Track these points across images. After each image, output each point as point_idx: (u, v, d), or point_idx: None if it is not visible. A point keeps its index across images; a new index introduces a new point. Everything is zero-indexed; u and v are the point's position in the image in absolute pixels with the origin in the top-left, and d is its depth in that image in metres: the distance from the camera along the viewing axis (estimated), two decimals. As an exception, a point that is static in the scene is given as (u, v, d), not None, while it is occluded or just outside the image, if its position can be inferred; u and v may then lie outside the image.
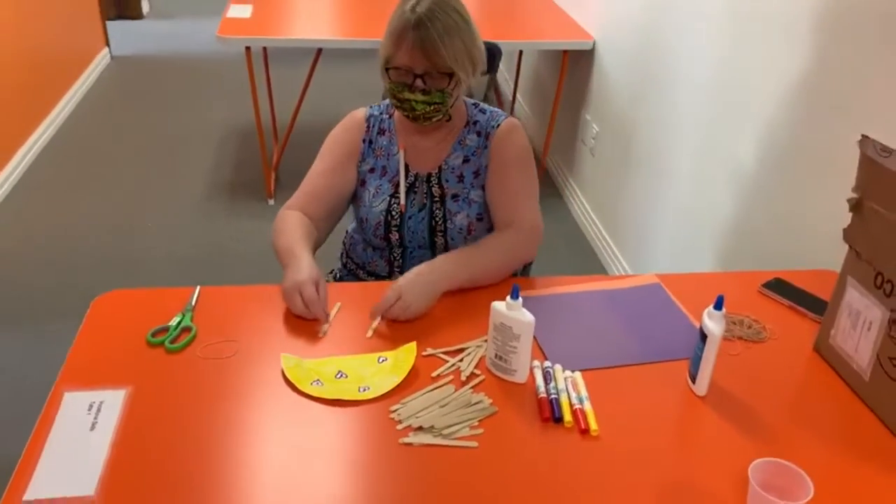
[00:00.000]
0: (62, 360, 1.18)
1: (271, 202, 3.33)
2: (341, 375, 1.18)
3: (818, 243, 1.70)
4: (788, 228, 1.83)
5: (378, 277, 1.61)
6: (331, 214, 1.55)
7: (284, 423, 1.09)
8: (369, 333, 1.28)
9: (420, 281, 1.33)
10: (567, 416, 1.11)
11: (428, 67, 1.40)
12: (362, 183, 1.56)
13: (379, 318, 1.30)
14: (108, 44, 4.98)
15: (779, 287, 1.45)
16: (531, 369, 1.20)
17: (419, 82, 1.41)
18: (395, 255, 1.58)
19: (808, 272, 1.52)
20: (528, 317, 1.14)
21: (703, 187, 2.22)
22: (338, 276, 1.73)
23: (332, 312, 1.33)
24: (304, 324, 1.30)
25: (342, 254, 1.73)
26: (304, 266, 1.33)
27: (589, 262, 3.01)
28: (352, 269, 1.68)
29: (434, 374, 1.20)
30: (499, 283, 1.41)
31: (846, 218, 1.19)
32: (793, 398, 1.19)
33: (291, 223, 1.47)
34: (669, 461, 1.05)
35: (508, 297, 1.14)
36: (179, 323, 1.28)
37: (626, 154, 2.78)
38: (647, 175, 2.60)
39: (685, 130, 2.33)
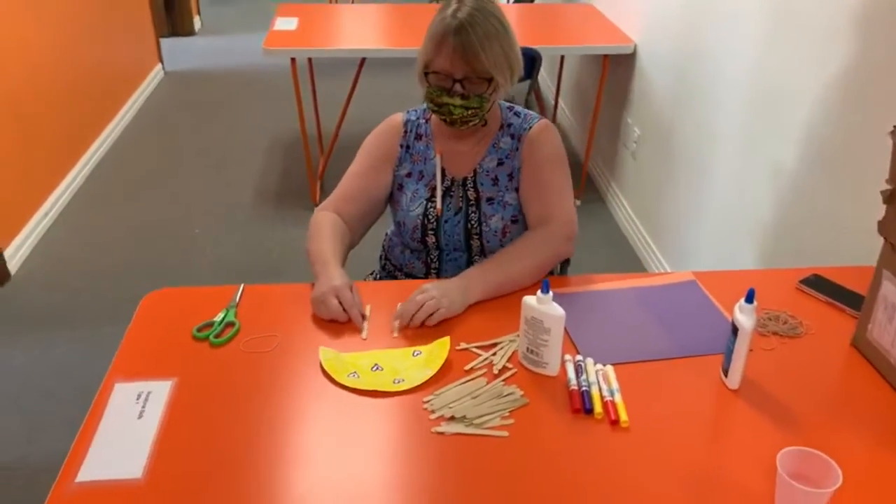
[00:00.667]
0: (109, 364, 1.23)
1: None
2: (377, 368, 1.21)
3: (858, 239, 1.67)
4: (828, 225, 1.80)
5: (415, 279, 1.64)
6: (365, 216, 1.58)
7: (322, 413, 1.12)
8: (395, 333, 1.30)
9: (450, 285, 1.35)
10: (597, 408, 1.12)
11: (467, 72, 1.42)
12: (399, 187, 1.58)
13: (405, 319, 1.30)
14: (161, 60, 5.16)
15: (817, 283, 1.44)
16: (563, 363, 1.22)
17: (458, 87, 1.43)
18: (432, 257, 1.61)
19: (847, 268, 1.50)
20: (558, 311, 1.16)
21: (743, 187, 2.21)
22: (377, 276, 1.77)
23: (367, 313, 1.35)
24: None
25: (381, 256, 1.76)
26: (336, 273, 1.35)
27: (631, 265, 3.00)
28: (390, 271, 1.71)
29: (467, 367, 1.22)
30: (538, 281, 1.41)
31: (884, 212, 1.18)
32: (828, 392, 1.18)
33: (325, 227, 1.49)
34: (699, 452, 1.06)
35: (539, 292, 1.16)
36: (223, 318, 1.33)
37: (668, 156, 2.77)
38: (688, 177, 2.59)
39: (725, 131, 2.31)
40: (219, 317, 1.33)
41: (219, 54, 5.57)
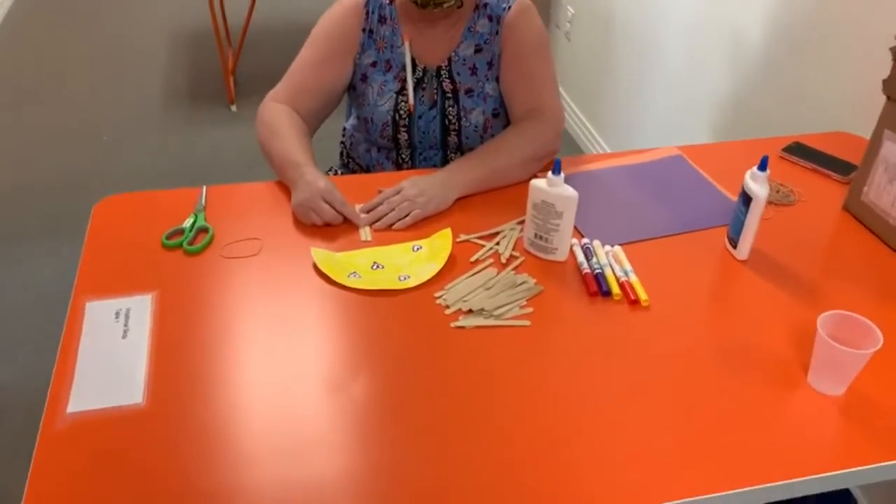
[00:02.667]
0: (32, 284, 1.11)
1: (234, 108, 3.18)
2: (377, 266, 1.14)
3: (826, 110, 1.68)
4: (793, 97, 1.80)
5: None
6: (320, 111, 1.43)
7: (326, 317, 1.05)
8: (364, 236, 1.21)
9: (431, 180, 1.26)
10: (615, 289, 1.10)
11: None
12: (363, 78, 1.44)
13: (374, 218, 1.22)
14: (28, -53, 4.58)
15: (799, 150, 1.44)
16: (570, 247, 1.18)
17: None
18: (404, 156, 1.49)
19: (824, 135, 1.51)
20: (570, 192, 1.10)
21: (697, 60, 2.18)
22: (338, 174, 1.65)
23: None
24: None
25: (342, 152, 1.64)
26: (316, 175, 1.24)
27: (572, 153, 2.98)
28: (354, 170, 1.59)
29: (472, 258, 1.16)
30: (526, 180, 1.32)
31: (857, 82, 1.16)
32: (829, 256, 1.20)
33: (285, 124, 1.34)
34: (722, 324, 1.05)
35: (550, 173, 1.10)
36: (194, 224, 1.21)
37: (607, 35, 2.70)
38: (632, 54, 2.54)
39: (675, 3, 2.26)
40: (188, 222, 1.22)
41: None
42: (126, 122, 3.08)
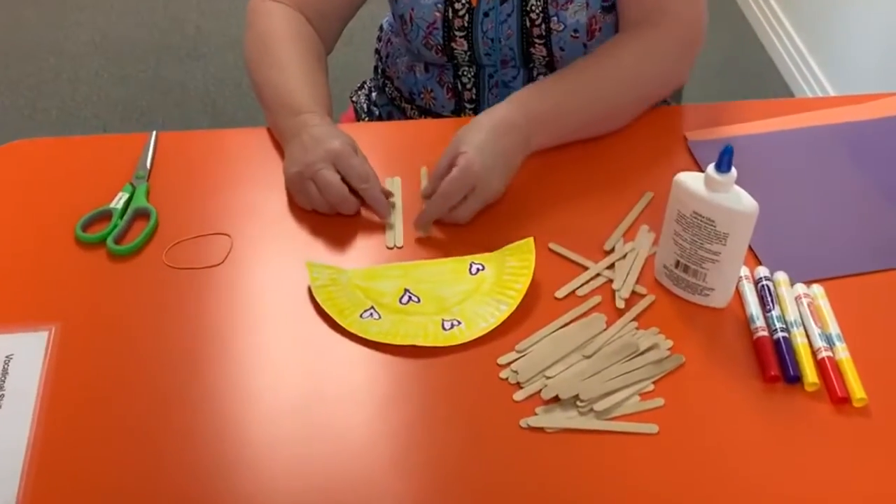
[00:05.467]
0: None
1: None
2: (410, 298, 0.95)
3: None
4: None
5: (436, 116, 1.34)
6: (341, 12, 1.30)
7: (316, 386, 0.89)
8: (391, 240, 1.04)
9: (479, 132, 1.06)
10: (809, 374, 0.87)
11: None
12: None
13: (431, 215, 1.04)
14: None
15: None
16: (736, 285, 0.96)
17: None
18: (464, 79, 1.30)
19: None
20: (747, 203, 0.86)
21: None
22: (371, 100, 1.46)
23: (396, 198, 1.07)
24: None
25: (377, 65, 1.45)
26: (330, 130, 1.07)
27: (755, 62, 2.71)
28: (393, 98, 1.41)
29: (561, 293, 0.95)
30: (630, 122, 1.18)
31: None
32: None
33: (283, 37, 1.20)
34: None
35: (711, 168, 0.86)
36: (129, 203, 1.06)
37: None
38: None
39: None
40: (119, 199, 1.06)
41: None
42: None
